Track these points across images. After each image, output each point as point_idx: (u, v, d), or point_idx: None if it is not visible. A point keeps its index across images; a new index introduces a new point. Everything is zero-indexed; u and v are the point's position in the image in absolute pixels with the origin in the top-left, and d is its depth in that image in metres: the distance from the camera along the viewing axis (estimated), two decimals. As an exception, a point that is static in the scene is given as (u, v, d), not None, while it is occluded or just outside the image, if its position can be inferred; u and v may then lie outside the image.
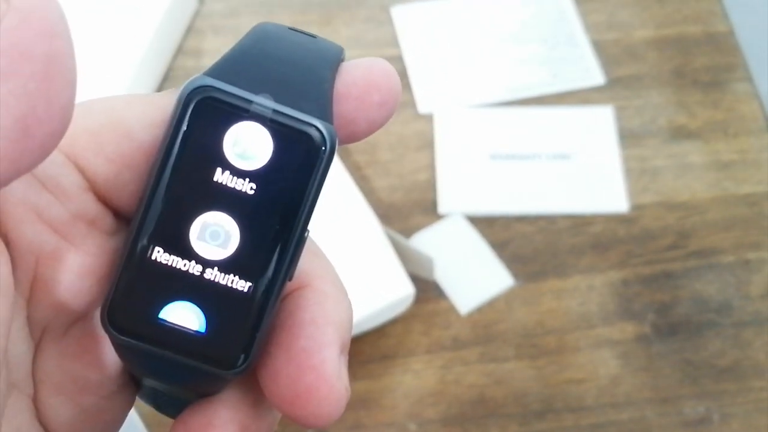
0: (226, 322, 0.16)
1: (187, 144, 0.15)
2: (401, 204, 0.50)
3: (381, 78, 0.17)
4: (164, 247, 0.15)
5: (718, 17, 0.58)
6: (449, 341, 0.46)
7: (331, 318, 0.16)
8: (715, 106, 0.55)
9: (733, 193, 0.51)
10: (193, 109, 0.15)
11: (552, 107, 0.54)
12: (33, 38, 0.12)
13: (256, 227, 0.16)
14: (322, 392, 0.15)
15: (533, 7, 0.59)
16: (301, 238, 0.16)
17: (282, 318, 0.16)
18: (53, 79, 0.12)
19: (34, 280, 0.16)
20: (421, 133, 0.53)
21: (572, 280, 0.48)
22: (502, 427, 0.44)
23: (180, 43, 0.57)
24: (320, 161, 0.16)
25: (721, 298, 0.48)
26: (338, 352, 0.16)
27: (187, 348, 0.16)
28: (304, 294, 0.17)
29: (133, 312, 0.16)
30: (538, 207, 0.50)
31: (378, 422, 0.44)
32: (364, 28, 0.58)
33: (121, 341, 0.16)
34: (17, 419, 0.16)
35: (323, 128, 0.16)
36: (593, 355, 0.46)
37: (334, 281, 0.17)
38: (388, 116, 0.17)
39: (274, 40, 0.17)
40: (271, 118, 0.15)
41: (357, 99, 0.16)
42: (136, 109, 0.16)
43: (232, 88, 0.15)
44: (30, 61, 0.12)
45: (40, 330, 0.16)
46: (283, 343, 0.16)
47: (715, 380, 0.45)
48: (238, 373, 0.16)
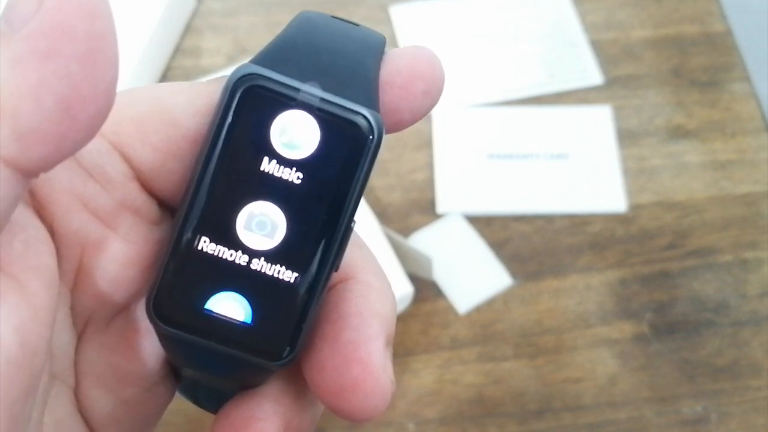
0: (273, 313, 0.16)
1: (234, 133, 0.15)
2: (399, 203, 0.50)
3: (425, 67, 0.16)
4: (211, 236, 0.15)
5: (715, 17, 0.58)
6: (447, 341, 0.46)
7: (376, 310, 0.16)
8: (713, 106, 0.55)
9: (731, 193, 0.51)
10: (240, 97, 0.15)
11: (550, 107, 0.54)
12: (74, 18, 0.12)
13: (303, 217, 0.15)
14: (369, 385, 0.15)
15: (531, 7, 0.59)
16: (347, 228, 0.16)
17: (327, 310, 0.16)
18: (95, 59, 0.12)
19: (78, 270, 0.16)
20: (419, 132, 0.53)
21: (570, 279, 0.48)
22: (500, 426, 0.44)
23: (178, 42, 0.57)
24: (367, 150, 0.16)
25: (718, 297, 0.48)
26: (383, 345, 0.16)
27: (232, 339, 0.15)
28: (348, 286, 0.16)
29: (179, 302, 0.15)
30: (536, 206, 0.51)
31: (376, 422, 0.44)
32: (363, 27, 0.57)
33: (166, 332, 0.15)
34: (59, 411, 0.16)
35: (371, 117, 0.15)
36: (591, 355, 0.46)
37: (378, 273, 0.17)
38: (433, 105, 0.17)
39: (319, 29, 0.17)
40: (319, 107, 0.15)
41: (401, 88, 0.16)
42: (181, 97, 0.16)
43: (279, 76, 0.15)
44: (72, 41, 0.12)
45: (84, 321, 0.16)
46: (329, 335, 0.16)
47: (712, 379, 0.45)
48: (283, 365, 0.16)
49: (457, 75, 0.56)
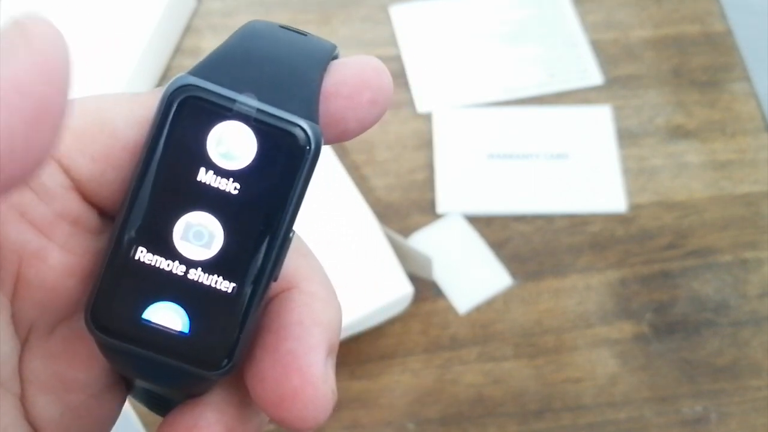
0: (210, 322, 0.16)
1: (171, 143, 0.15)
2: (399, 203, 0.50)
3: (372, 76, 0.16)
4: (147, 246, 0.15)
5: (715, 17, 0.58)
6: (447, 341, 0.46)
7: (319, 319, 0.16)
8: (713, 106, 0.55)
9: (731, 193, 0.51)
10: (177, 108, 0.15)
11: (550, 107, 0.54)
12: (34, 79, 0.12)
13: (240, 227, 0.15)
14: (308, 395, 0.15)
15: (531, 6, 0.59)
16: (285, 238, 0.16)
17: (268, 320, 0.16)
18: (38, 123, 0.12)
19: (17, 280, 0.16)
20: (419, 132, 0.53)
21: (570, 279, 0.48)
22: (500, 426, 0.44)
23: (178, 42, 0.57)
24: (305, 161, 0.15)
25: (718, 297, 0.48)
26: (325, 355, 0.16)
27: (170, 348, 0.16)
28: (290, 295, 0.16)
29: (117, 312, 0.15)
30: (536, 206, 0.51)
31: (376, 421, 0.44)
32: (363, 27, 0.58)
33: (104, 341, 0.16)
34: (5, 418, 0.16)
35: (308, 128, 0.15)
36: (591, 355, 0.46)
37: (323, 282, 0.17)
38: (380, 115, 0.17)
39: (262, 39, 0.17)
40: (255, 118, 0.15)
41: (347, 98, 0.16)
42: (122, 108, 0.16)
43: (215, 87, 0.15)
44: (21, 98, 0.12)
45: (26, 329, 0.16)
46: (270, 345, 0.16)
47: (712, 379, 0.45)
48: (222, 375, 0.16)
49: (457, 75, 0.56)
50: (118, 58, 0.51)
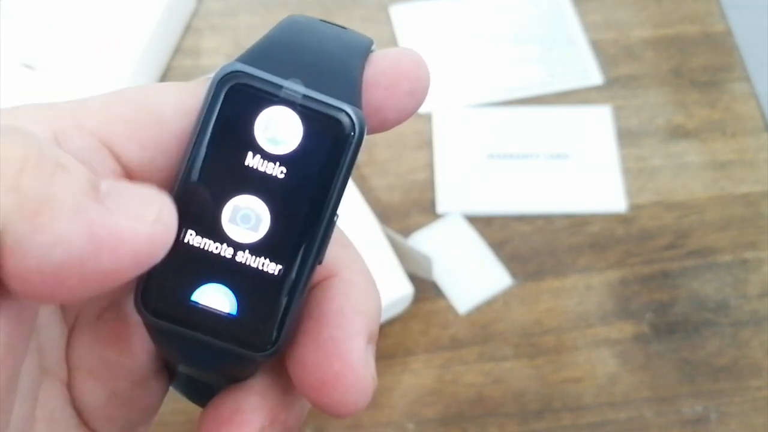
0: (257, 304, 0.16)
1: (219, 128, 0.16)
2: (399, 203, 0.50)
3: (410, 67, 0.17)
4: (197, 230, 0.16)
5: (715, 17, 0.58)
6: (448, 341, 0.46)
7: (359, 307, 0.16)
8: (713, 106, 0.55)
9: (731, 193, 0.51)
10: (225, 94, 0.16)
11: (550, 107, 0.54)
12: (133, 256, 0.13)
13: (287, 211, 0.16)
14: (349, 380, 0.15)
15: (531, 7, 0.59)
16: (330, 221, 0.16)
17: (310, 307, 0.16)
18: (102, 280, 0.13)
19: None
20: (419, 132, 0.53)
21: (570, 279, 0.48)
22: (500, 426, 0.44)
23: (178, 42, 0.57)
24: (349, 146, 0.16)
25: (718, 297, 0.48)
26: (365, 342, 0.16)
27: (218, 330, 0.16)
28: (332, 284, 0.17)
29: (166, 294, 0.16)
30: (536, 206, 0.51)
31: (376, 422, 0.44)
32: (362, 27, 0.57)
33: (154, 323, 0.16)
34: (51, 404, 0.16)
35: (352, 113, 0.16)
36: (591, 355, 0.46)
37: (362, 271, 0.17)
38: (418, 105, 0.17)
39: (305, 30, 0.17)
40: (301, 103, 0.16)
41: (386, 88, 0.17)
42: (169, 96, 0.16)
43: (262, 74, 0.16)
44: (113, 259, 0.13)
45: (74, 315, 0.16)
46: (311, 331, 0.16)
47: (712, 379, 0.45)
48: (268, 356, 0.16)
49: (456, 75, 0.56)
50: (117, 57, 0.51)
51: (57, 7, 0.53)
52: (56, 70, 0.51)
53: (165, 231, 0.14)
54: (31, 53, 0.51)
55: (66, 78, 0.50)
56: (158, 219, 0.13)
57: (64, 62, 0.51)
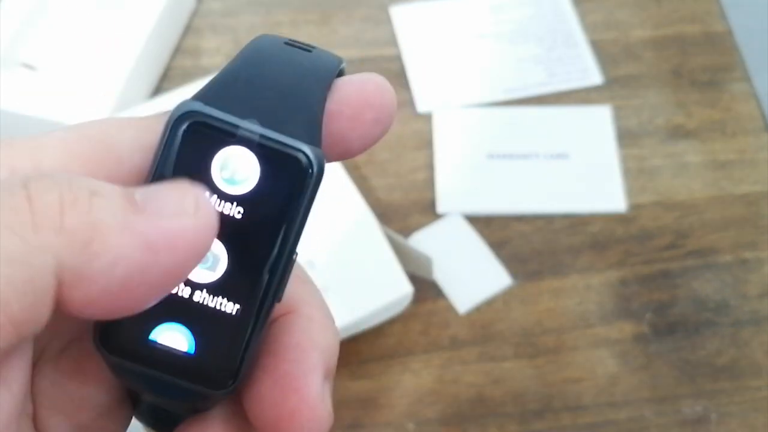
0: (215, 343, 0.16)
1: (175, 168, 0.15)
2: (399, 203, 0.50)
3: (374, 95, 0.17)
4: None
5: (715, 17, 0.58)
6: (447, 341, 0.46)
7: (317, 343, 0.16)
8: (713, 106, 0.55)
9: (731, 193, 0.51)
10: (182, 134, 0.15)
11: (550, 107, 0.54)
12: (185, 250, 0.13)
13: (245, 251, 0.16)
14: (305, 415, 0.15)
15: (531, 7, 0.59)
16: (289, 260, 0.16)
17: (268, 342, 0.16)
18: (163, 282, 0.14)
19: None
20: (419, 132, 0.53)
21: (570, 279, 0.48)
22: (500, 426, 0.44)
23: (178, 42, 0.57)
24: (308, 184, 0.16)
25: (718, 297, 0.48)
26: (322, 377, 0.16)
27: (177, 368, 0.16)
28: (290, 319, 0.17)
29: (125, 333, 0.16)
30: (536, 206, 0.51)
31: (376, 422, 0.44)
32: (363, 27, 0.57)
33: (113, 361, 0.16)
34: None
35: (310, 152, 0.16)
36: (591, 355, 0.46)
37: (321, 307, 0.17)
38: (383, 132, 0.17)
39: (266, 60, 0.17)
40: (258, 143, 0.16)
41: (350, 117, 0.16)
42: (127, 133, 0.16)
43: (219, 113, 0.16)
44: (170, 256, 0.13)
45: (38, 351, 0.16)
46: (268, 367, 0.16)
47: (712, 379, 0.45)
48: (226, 394, 0.16)
49: (457, 75, 0.56)
50: (117, 57, 0.51)
51: (57, 7, 0.53)
52: (56, 69, 0.51)
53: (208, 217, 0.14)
54: (32, 53, 0.51)
55: (66, 78, 0.50)
56: (198, 207, 0.14)
57: (65, 62, 0.51)
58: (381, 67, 0.55)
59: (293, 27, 0.57)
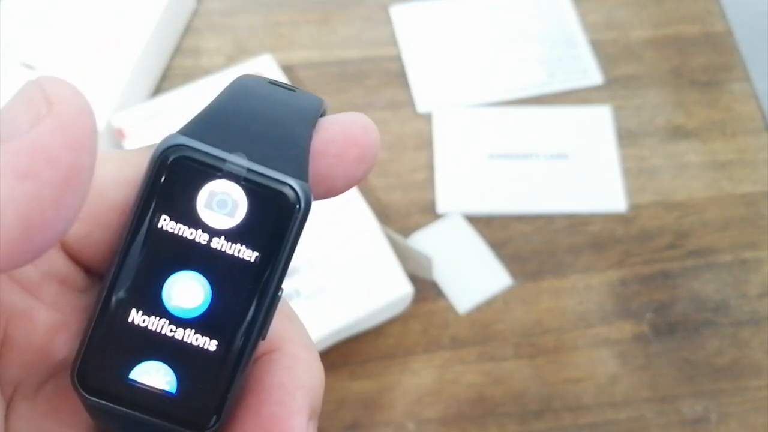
0: (198, 382, 0.16)
1: (161, 202, 0.15)
2: (400, 203, 0.50)
3: (359, 134, 0.16)
4: (135, 306, 0.15)
5: (715, 17, 0.58)
6: (448, 341, 0.46)
7: (301, 383, 0.16)
8: (713, 106, 0.55)
9: (731, 193, 0.51)
10: (167, 168, 0.15)
11: (550, 107, 0.54)
12: (62, 147, 0.12)
13: (229, 286, 0.16)
14: None
15: (531, 7, 0.59)
16: (274, 297, 0.16)
17: (252, 382, 0.16)
18: (68, 190, 0.12)
19: (4, 340, 0.15)
20: (419, 132, 0.53)
21: (570, 279, 0.48)
22: (500, 426, 0.44)
23: (178, 42, 0.57)
24: (294, 220, 0.16)
25: (718, 297, 0.48)
26: (307, 418, 0.16)
27: (157, 409, 0.15)
28: (274, 358, 0.16)
29: (103, 372, 0.15)
30: (536, 206, 0.51)
31: (376, 421, 0.44)
32: (363, 27, 0.57)
33: (90, 402, 0.15)
34: None
35: (298, 187, 0.16)
36: (591, 355, 0.46)
37: (306, 344, 0.17)
38: (367, 171, 0.17)
39: (251, 96, 0.17)
40: (245, 177, 0.15)
41: (335, 156, 0.16)
42: (110, 168, 0.16)
43: (205, 147, 0.15)
44: (53, 168, 0.12)
45: (12, 388, 0.16)
46: (252, 407, 0.16)
47: (712, 379, 0.45)
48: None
49: (456, 75, 0.56)
50: (117, 57, 0.51)
51: (57, 6, 0.53)
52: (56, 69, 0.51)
53: (68, 103, 0.12)
54: (32, 53, 0.51)
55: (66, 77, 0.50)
56: (50, 101, 0.12)
57: (65, 62, 0.51)
58: (381, 67, 0.55)
59: (293, 27, 0.57)
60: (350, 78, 0.55)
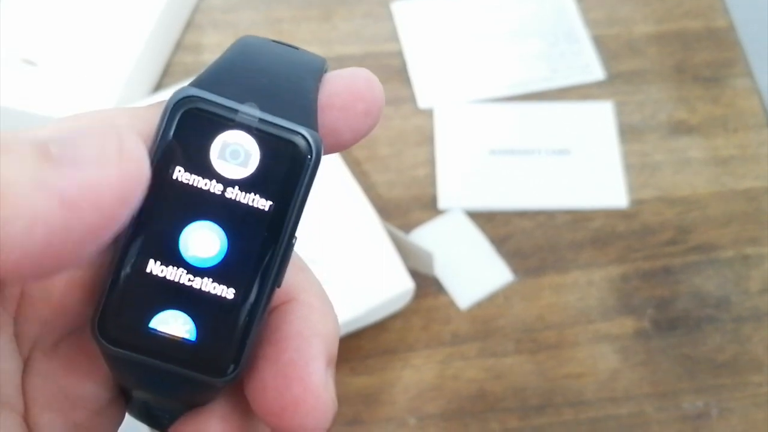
0: (216, 329, 0.16)
1: (174, 154, 0.15)
2: (401, 199, 0.50)
3: (364, 87, 0.17)
4: (154, 257, 0.16)
5: (718, 12, 0.58)
6: (449, 336, 0.46)
7: (317, 330, 0.16)
8: (715, 102, 0.55)
9: (733, 189, 0.51)
10: (179, 119, 0.15)
11: (552, 102, 0.54)
12: (113, 201, 0.12)
13: (244, 235, 0.16)
14: (309, 403, 0.15)
15: (533, 2, 0.59)
16: (288, 244, 0.16)
17: (268, 332, 0.16)
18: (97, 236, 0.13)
19: (21, 297, 0.16)
20: (420, 128, 0.53)
21: (572, 275, 0.48)
22: (501, 421, 0.44)
23: (179, 38, 0.57)
24: (306, 168, 0.16)
25: (720, 293, 0.48)
26: (325, 364, 0.16)
27: (177, 356, 0.16)
28: (290, 308, 0.17)
29: (123, 322, 0.16)
30: (537, 202, 0.50)
31: (378, 417, 0.44)
32: (364, 23, 0.57)
33: (111, 352, 0.16)
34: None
35: (309, 136, 0.16)
36: (592, 350, 0.46)
37: (320, 294, 0.17)
38: (373, 125, 0.17)
39: (258, 52, 0.17)
40: (257, 127, 0.16)
41: (341, 109, 0.17)
42: (122, 122, 0.16)
43: (217, 98, 0.16)
44: (96, 214, 0.12)
45: (29, 346, 0.16)
46: (270, 356, 0.16)
47: (713, 375, 0.45)
48: (228, 381, 0.16)
49: (458, 71, 0.56)
50: (119, 54, 0.51)
51: (58, 2, 0.53)
52: (57, 66, 0.51)
53: (136, 163, 0.13)
54: (32, 49, 0.51)
55: (67, 74, 0.50)
56: (122, 152, 0.13)
57: (66, 58, 0.51)
58: (382, 63, 0.55)
59: (294, 23, 0.57)
60: (352, 74, 0.55)
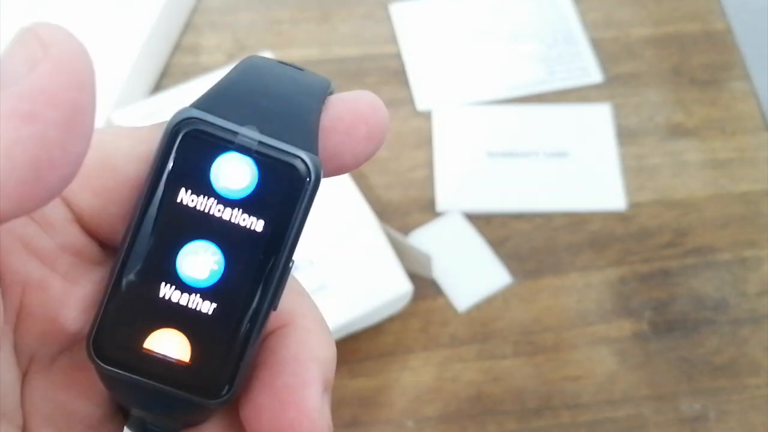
0: (211, 350, 0.16)
1: (174, 175, 0.16)
2: (399, 201, 0.50)
3: (368, 111, 0.17)
4: (150, 276, 0.16)
5: (716, 15, 0.58)
6: (447, 338, 0.46)
7: (314, 355, 0.16)
8: (713, 104, 0.55)
9: (730, 191, 0.51)
10: (180, 141, 0.16)
11: (550, 105, 0.54)
12: (62, 87, 0.12)
13: (242, 257, 0.16)
14: (304, 427, 0.15)
15: (532, 5, 0.59)
16: (285, 267, 0.16)
17: (265, 355, 0.16)
18: (72, 129, 0.12)
19: (20, 310, 0.16)
20: (419, 130, 0.53)
21: (570, 277, 0.48)
22: (499, 423, 0.44)
23: (177, 39, 0.57)
24: (305, 192, 0.16)
25: (717, 295, 0.48)
26: (321, 389, 0.16)
27: (171, 377, 0.16)
28: (286, 332, 0.17)
29: (118, 341, 0.16)
30: (535, 205, 0.51)
31: (375, 419, 0.44)
32: (363, 24, 0.57)
33: (105, 371, 0.16)
34: None
35: (308, 159, 0.16)
36: (590, 353, 0.46)
37: (317, 319, 0.17)
38: (376, 149, 0.17)
39: (262, 73, 0.17)
40: (257, 150, 0.16)
41: (343, 133, 0.17)
42: (123, 143, 0.16)
43: (217, 120, 0.16)
44: (55, 108, 0.12)
45: (27, 359, 0.16)
46: (266, 379, 0.16)
47: (711, 377, 0.45)
48: (222, 403, 0.16)
49: (456, 73, 0.56)
50: (116, 55, 0.51)
51: (56, 3, 0.53)
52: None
53: (61, 46, 0.13)
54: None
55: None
56: (45, 45, 0.12)
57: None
58: (380, 64, 0.55)
59: (293, 24, 0.57)
60: (350, 76, 0.55)
